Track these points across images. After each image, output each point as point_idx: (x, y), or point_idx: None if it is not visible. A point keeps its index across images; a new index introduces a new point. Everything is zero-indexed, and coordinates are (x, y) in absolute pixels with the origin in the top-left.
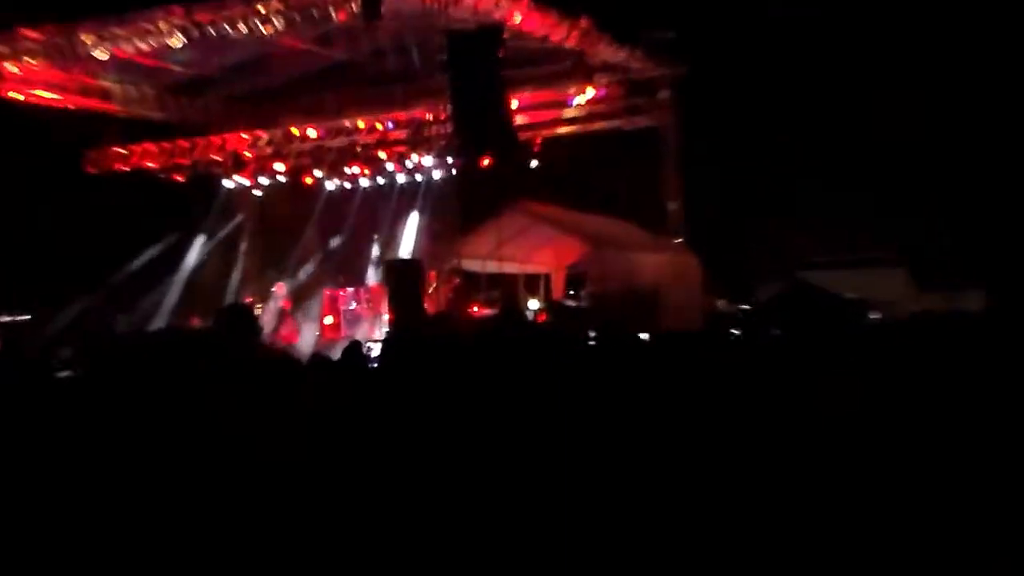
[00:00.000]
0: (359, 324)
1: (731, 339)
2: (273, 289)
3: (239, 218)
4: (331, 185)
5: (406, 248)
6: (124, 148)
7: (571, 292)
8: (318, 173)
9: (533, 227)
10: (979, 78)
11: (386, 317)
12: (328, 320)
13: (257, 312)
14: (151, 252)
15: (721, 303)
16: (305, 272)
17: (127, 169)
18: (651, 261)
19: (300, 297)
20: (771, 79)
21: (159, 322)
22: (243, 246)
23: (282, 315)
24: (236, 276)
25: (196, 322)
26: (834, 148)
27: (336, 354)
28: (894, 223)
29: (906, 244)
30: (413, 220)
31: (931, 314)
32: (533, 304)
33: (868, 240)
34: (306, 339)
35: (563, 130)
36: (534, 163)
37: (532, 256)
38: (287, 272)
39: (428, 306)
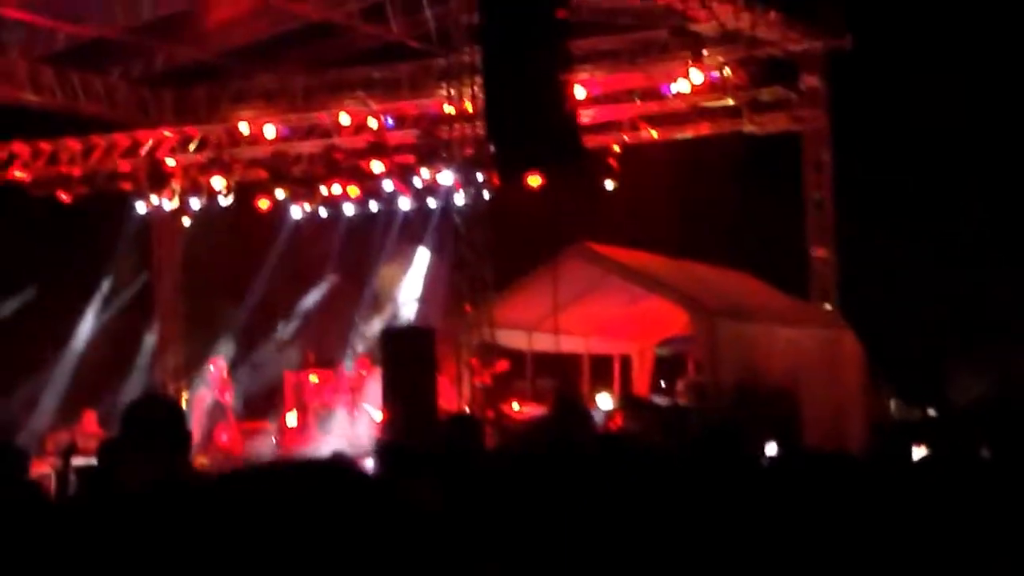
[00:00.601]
0: (335, 424)
1: (913, 464)
2: (208, 367)
3: (156, 260)
4: (297, 212)
5: (409, 310)
6: None
7: (663, 384)
8: (279, 194)
9: (606, 282)
10: None
11: (377, 416)
12: (291, 419)
13: (183, 403)
14: (12, 306)
15: (895, 405)
16: (257, 346)
17: None
18: (787, 338)
19: (247, 383)
20: (981, 61)
21: (39, 419)
22: (162, 303)
23: (219, 411)
24: (150, 349)
25: (90, 420)
26: None
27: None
28: None
29: None
30: (421, 267)
31: None
32: (604, 401)
33: None
34: (256, 447)
35: (654, 134)
36: (609, 184)
37: (604, 327)
38: (227, 344)
39: (443, 401)
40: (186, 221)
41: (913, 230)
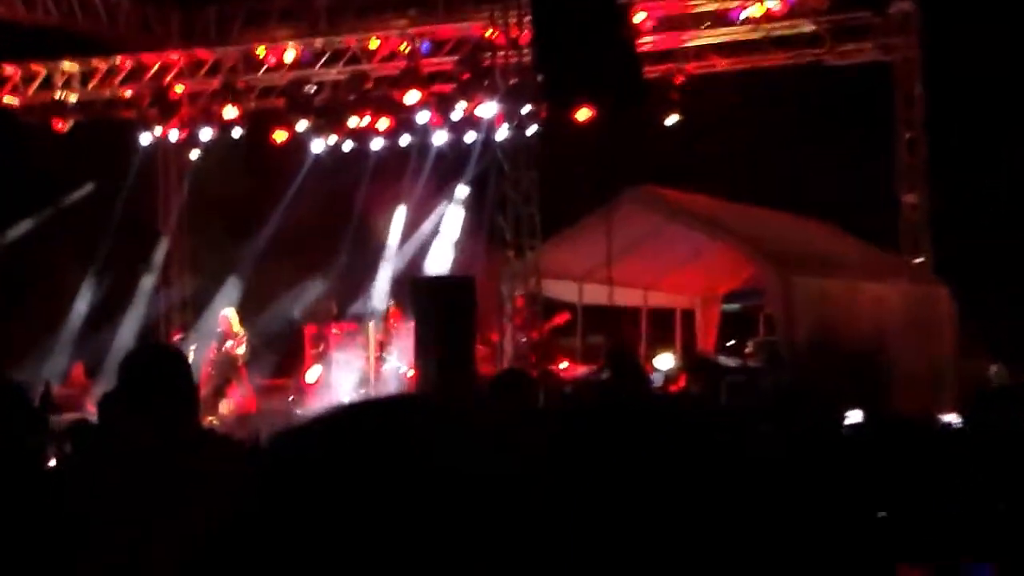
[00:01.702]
0: (359, 380)
1: (1014, 436)
2: (217, 317)
3: (160, 197)
4: (319, 145)
5: (445, 258)
6: None
7: (731, 343)
8: (299, 126)
9: (667, 230)
10: None
11: (408, 373)
12: (311, 375)
13: (190, 357)
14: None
15: (995, 370)
16: (271, 294)
17: None
18: (873, 294)
19: (260, 335)
20: None
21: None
22: (166, 245)
23: (230, 365)
24: (152, 296)
25: (78, 374)
26: None
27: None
28: None
29: None
30: (458, 209)
31: None
32: (664, 361)
33: None
34: (272, 406)
35: (723, 64)
36: (672, 118)
37: (664, 279)
38: (238, 292)
39: (483, 361)
40: (194, 154)
41: (1016, 173)
